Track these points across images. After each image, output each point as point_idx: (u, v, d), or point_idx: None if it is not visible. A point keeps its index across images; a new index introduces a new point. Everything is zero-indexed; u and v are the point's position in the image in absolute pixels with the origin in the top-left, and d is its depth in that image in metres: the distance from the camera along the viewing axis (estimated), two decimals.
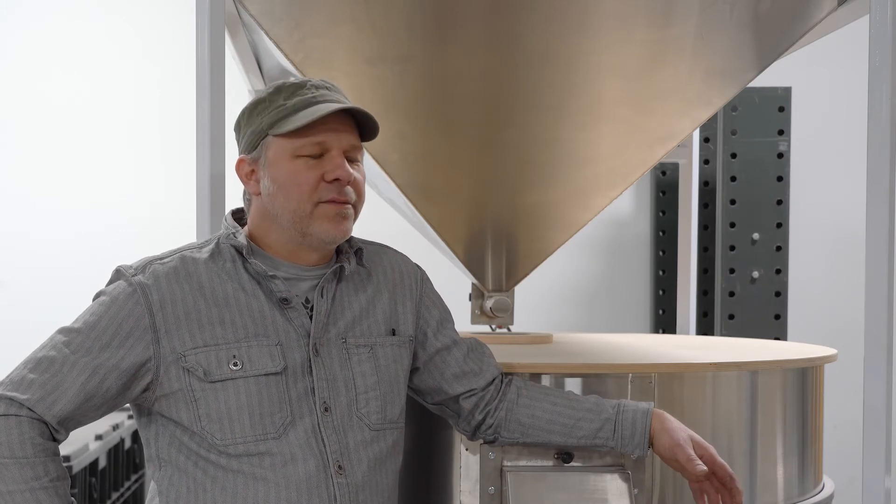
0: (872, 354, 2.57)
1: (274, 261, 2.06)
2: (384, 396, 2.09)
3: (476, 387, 2.23)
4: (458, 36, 2.83)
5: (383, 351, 2.12)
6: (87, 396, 1.94)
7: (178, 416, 1.98)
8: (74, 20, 4.88)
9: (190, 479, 1.99)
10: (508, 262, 3.14)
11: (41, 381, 1.92)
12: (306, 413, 2.00)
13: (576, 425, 2.21)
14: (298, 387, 2.01)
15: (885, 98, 2.56)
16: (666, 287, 4.93)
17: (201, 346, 1.97)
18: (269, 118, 2.04)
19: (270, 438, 1.97)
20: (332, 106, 2.01)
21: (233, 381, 1.97)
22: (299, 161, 2.02)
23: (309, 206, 2.02)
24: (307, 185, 2.02)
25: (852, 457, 2.91)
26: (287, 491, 1.97)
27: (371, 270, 2.17)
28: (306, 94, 2.04)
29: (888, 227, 2.56)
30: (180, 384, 1.97)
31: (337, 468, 2.00)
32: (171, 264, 2.02)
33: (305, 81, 2.07)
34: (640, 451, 2.20)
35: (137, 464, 4.61)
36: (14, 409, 1.91)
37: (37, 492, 1.90)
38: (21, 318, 4.67)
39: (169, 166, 4.77)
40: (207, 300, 2.00)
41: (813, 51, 3.25)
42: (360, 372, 2.07)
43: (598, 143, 3.02)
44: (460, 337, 2.28)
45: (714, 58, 2.92)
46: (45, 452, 1.92)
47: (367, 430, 2.06)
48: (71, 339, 1.96)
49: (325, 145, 2.03)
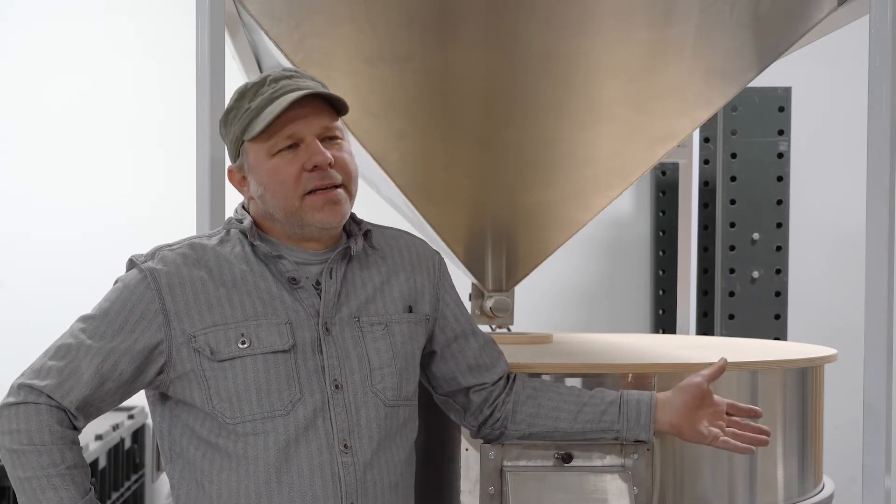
0: (872, 354, 2.57)
1: (280, 246, 2.09)
2: (399, 373, 2.10)
3: (487, 381, 2.24)
4: (458, 36, 2.83)
5: (399, 328, 2.12)
6: (102, 380, 1.98)
7: (191, 398, 2.01)
8: (75, 20, 4.88)
9: (197, 472, 2.02)
10: (508, 262, 3.14)
11: (58, 367, 1.97)
12: (316, 390, 2.01)
13: (581, 410, 2.22)
14: (308, 365, 2.02)
15: (885, 98, 2.56)
16: (666, 287, 4.93)
17: (210, 326, 2.00)
18: (240, 125, 2.07)
19: (278, 415, 1.98)
20: (290, 96, 2.02)
21: (241, 359, 1.99)
22: (276, 158, 2.04)
23: (296, 201, 2.04)
24: (290, 179, 2.03)
25: (852, 457, 2.91)
26: (289, 475, 1.98)
27: (386, 252, 2.18)
28: (265, 92, 2.05)
29: (888, 227, 2.57)
30: (192, 365, 1.99)
31: (343, 447, 2.00)
32: (180, 250, 2.06)
33: (265, 78, 2.08)
34: (647, 434, 2.21)
35: (137, 464, 4.62)
36: (33, 397, 1.96)
37: (53, 479, 1.94)
38: (21, 318, 4.68)
39: (169, 166, 4.77)
40: (216, 281, 2.03)
41: (813, 51, 3.25)
42: (374, 349, 2.08)
43: (598, 143, 3.02)
44: (478, 328, 2.29)
45: (714, 58, 2.92)
46: (63, 440, 1.96)
47: (381, 406, 2.06)
48: (87, 325, 2.01)
49: (296, 135, 2.04)
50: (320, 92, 2.05)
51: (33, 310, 4.66)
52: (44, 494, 1.94)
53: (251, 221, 2.09)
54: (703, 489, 2.44)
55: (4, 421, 1.96)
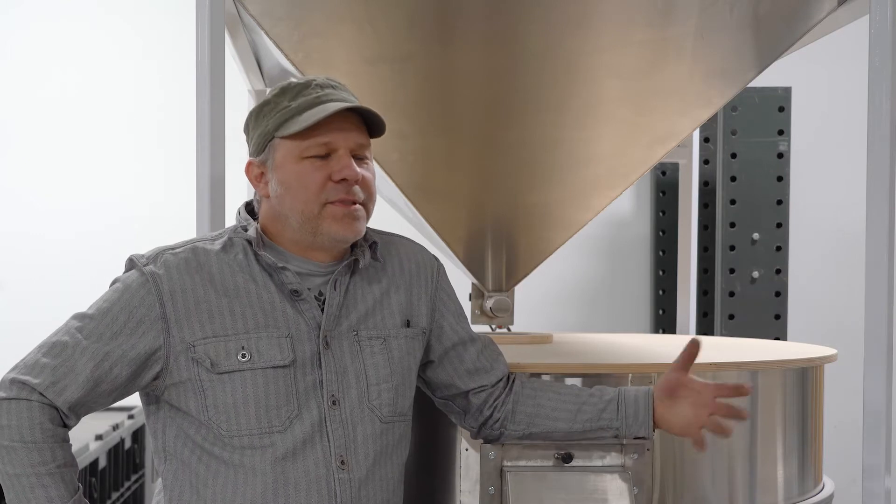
0: (872, 354, 2.57)
1: (286, 255, 2.06)
2: (396, 388, 2.09)
3: (487, 383, 2.24)
4: (458, 36, 2.83)
5: (397, 343, 2.11)
6: (96, 382, 1.96)
7: (186, 406, 1.99)
8: (74, 20, 4.87)
9: (193, 475, 2.00)
10: (508, 262, 3.14)
11: (53, 365, 1.95)
12: (313, 406, 2.00)
13: (580, 409, 2.22)
14: (307, 380, 2.01)
15: (885, 98, 2.56)
16: (666, 287, 4.93)
17: (210, 337, 1.98)
18: (275, 120, 2.04)
19: (276, 432, 1.97)
20: (336, 105, 2.00)
21: (240, 372, 1.98)
22: (306, 162, 2.02)
23: (316, 207, 2.01)
24: (314, 185, 2.01)
25: (852, 457, 2.91)
26: (286, 488, 1.97)
27: (385, 262, 2.16)
28: (310, 95, 2.03)
29: (888, 227, 2.57)
30: (189, 374, 1.98)
31: (339, 463, 2.00)
32: (183, 255, 2.03)
33: (310, 81, 2.06)
34: (646, 430, 2.21)
35: (137, 464, 4.61)
36: (25, 393, 1.94)
37: (42, 477, 1.92)
38: (21, 318, 4.67)
39: (169, 166, 4.77)
40: (218, 291, 2.00)
41: (813, 51, 3.25)
42: (372, 363, 2.07)
43: (598, 143, 3.02)
44: (475, 333, 2.28)
45: (714, 58, 2.92)
46: (54, 438, 1.94)
47: (377, 422, 2.05)
48: (84, 324, 1.98)
49: (331, 145, 2.02)
50: (366, 110, 2.04)
51: (33, 310, 4.65)
52: (33, 492, 1.92)
53: (256, 229, 2.06)
54: (703, 489, 2.44)
55: None
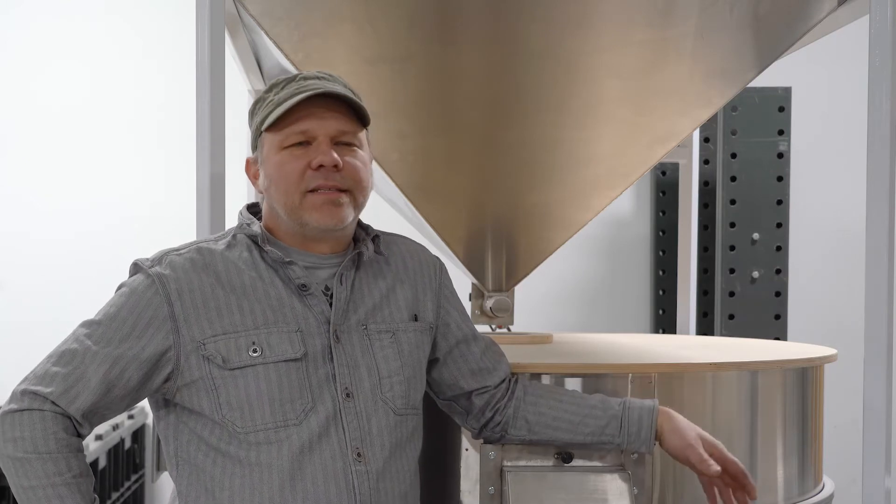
0: (872, 354, 2.57)
1: (289, 250, 2.06)
2: (408, 381, 2.09)
3: (489, 384, 2.24)
4: (459, 36, 2.83)
5: (406, 336, 2.11)
6: (108, 387, 1.95)
7: (199, 406, 1.98)
8: (74, 20, 4.87)
9: (207, 478, 1.98)
10: (508, 262, 3.14)
11: (64, 373, 1.93)
12: (328, 399, 2.00)
13: (582, 422, 2.22)
14: (319, 373, 2.00)
15: (885, 98, 2.56)
16: (666, 287, 4.93)
17: (220, 334, 1.97)
18: (261, 115, 2.06)
19: (291, 425, 1.96)
20: (308, 93, 2.01)
21: (252, 367, 1.97)
22: (285, 152, 2.03)
23: (297, 197, 2.02)
24: (294, 175, 2.01)
25: (852, 457, 2.91)
26: (303, 482, 1.96)
27: (389, 258, 2.17)
28: (291, 87, 2.04)
29: (888, 227, 2.56)
30: (201, 373, 1.97)
31: (356, 455, 1.99)
32: (188, 255, 2.03)
33: (297, 75, 2.08)
34: (647, 448, 2.21)
35: (137, 464, 4.62)
36: (38, 404, 1.92)
37: (58, 487, 1.90)
38: (21, 318, 4.68)
39: (169, 166, 4.77)
40: (225, 288, 2.00)
41: (813, 51, 3.25)
42: (382, 357, 2.07)
43: (598, 143, 3.02)
44: (479, 332, 2.28)
45: (714, 58, 2.92)
46: (69, 448, 1.93)
47: (391, 414, 2.05)
48: (92, 330, 1.97)
49: (309, 133, 2.02)
50: (341, 96, 2.03)
51: (33, 310, 4.66)
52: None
53: (260, 226, 2.07)
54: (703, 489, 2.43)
55: (7, 428, 1.92)
